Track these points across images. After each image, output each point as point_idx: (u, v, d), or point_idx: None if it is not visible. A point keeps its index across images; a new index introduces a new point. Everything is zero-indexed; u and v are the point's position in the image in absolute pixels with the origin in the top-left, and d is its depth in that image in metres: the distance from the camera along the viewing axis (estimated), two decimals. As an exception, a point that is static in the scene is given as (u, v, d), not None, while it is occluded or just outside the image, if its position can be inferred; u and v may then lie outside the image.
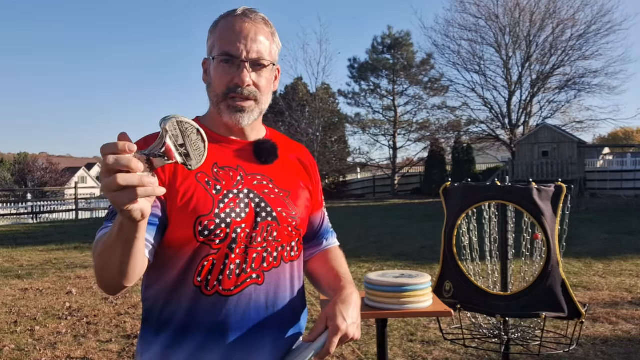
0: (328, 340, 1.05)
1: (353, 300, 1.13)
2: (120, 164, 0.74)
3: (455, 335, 2.85)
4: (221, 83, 1.12)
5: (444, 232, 2.58)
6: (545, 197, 2.36)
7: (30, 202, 20.81)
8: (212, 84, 1.15)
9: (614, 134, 49.37)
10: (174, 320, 1.09)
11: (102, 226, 1.04)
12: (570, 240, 3.34)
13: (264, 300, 1.12)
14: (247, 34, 1.11)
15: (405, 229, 11.72)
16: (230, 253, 1.08)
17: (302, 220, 1.21)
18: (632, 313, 4.74)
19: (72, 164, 66.85)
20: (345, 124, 30.68)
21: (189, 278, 1.08)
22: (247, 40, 1.11)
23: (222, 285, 1.08)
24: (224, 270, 1.08)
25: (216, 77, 1.13)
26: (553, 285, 2.28)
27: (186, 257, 1.08)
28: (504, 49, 27.00)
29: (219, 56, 1.12)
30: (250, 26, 1.12)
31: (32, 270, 7.45)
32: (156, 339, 1.11)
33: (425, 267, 6.85)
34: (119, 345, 4.12)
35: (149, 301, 1.14)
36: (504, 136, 27.67)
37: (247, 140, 1.19)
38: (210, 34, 1.17)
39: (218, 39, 1.13)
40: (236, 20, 1.12)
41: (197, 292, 1.08)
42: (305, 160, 1.29)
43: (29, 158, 42.22)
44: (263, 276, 1.12)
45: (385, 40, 29.71)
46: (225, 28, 1.13)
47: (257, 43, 1.12)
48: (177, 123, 0.83)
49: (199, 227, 1.06)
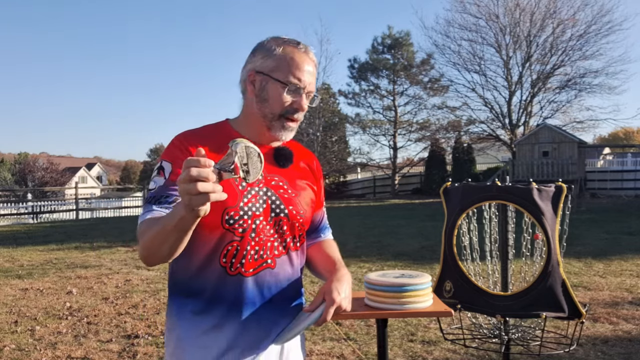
0: (325, 310, 1.29)
1: (346, 279, 1.38)
2: (202, 176, 0.95)
3: (456, 335, 2.85)
4: (282, 105, 1.32)
5: (444, 232, 2.58)
6: (545, 197, 2.36)
7: (31, 202, 20.82)
8: (269, 101, 1.33)
9: (614, 134, 49.39)
10: (202, 292, 1.30)
11: (147, 209, 1.24)
12: (571, 240, 3.33)
13: (274, 281, 1.34)
14: (309, 69, 1.34)
15: (405, 229, 11.72)
16: (251, 241, 1.30)
17: (307, 218, 1.43)
18: (633, 313, 4.74)
19: (73, 163, 66.95)
20: (346, 124, 30.68)
21: (215, 259, 1.29)
22: (309, 75, 1.34)
23: (243, 267, 1.30)
24: (246, 255, 1.30)
25: (277, 99, 1.32)
26: (553, 285, 2.28)
27: (213, 241, 1.28)
28: (504, 49, 26.99)
29: (288, 83, 1.31)
30: (310, 62, 1.35)
31: (33, 270, 7.45)
32: (186, 302, 1.31)
33: (425, 267, 6.85)
34: (119, 345, 4.12)
35: (178, 273, 1.34)
36: (504, 136, 27.67)
37: (270, 146, 1.39)
38: (267, 54, 1.33)
39: (284, 65, 1.31)
40: (301, 55, 1.34)
41: (223, 272, 1.29)
42: (313, 166, 1.50)
43: (29, 158, 42.23)
44: (275, 261, 1.34)
45: (385, 40, 29.71)
46: (292, 59, 1.32)
47: (312, 77, 1.36)
48: (244, 147, 1.08)
49: (226, 217, 1.27)
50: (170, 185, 1.25)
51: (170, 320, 1.35)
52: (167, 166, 1.29)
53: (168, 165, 1.29)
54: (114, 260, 8.22)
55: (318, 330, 4.37)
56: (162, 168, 1.29)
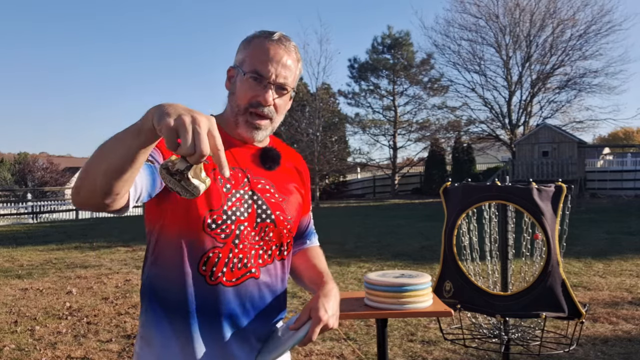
0: (311, 329, 1.16)
1: (333, 295, 1.24)
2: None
3: (455, 335, 2.85)
4: (245, 97, 1.21)
5: (444, 232, 2.58)
6: (545, 197, 2.36)
7: (31, 202, 20.81)
8: (236, 94, 1.23)
9: (614, 134, 49.36)
10: (179, 303, 1.17)
11: None
12: (570, 240, 3.33)
13: (257, 291, 1.23)
14: (279, 59, 1.21)
15: (405, 229, 11.72)
16: (234, 248, 1.19)
17: (294, 224, 1.33)
18: (632, 313, 4.74)
19: (73, 163, 66.79)
20: (346, 124, 30.65)
21: (194, 266, 1.17)
22: (277, 65, 1.21)
23: (225, 276, 1.18)
24: (228, 263, 1.18)
25: (241, 90, 1.22)
26: (553, 285, 2.28)
27: (193, 246, 1.17)
28: (504, 49, 26.98)
29: (250, 73, 1.20)
30: (283, 52, 1.22)
31: (32, 270, 7.45)
32: (161, 312, 1.19)
33: (425, 267, 6.85)
34: (119, 345, 4.11)
35: (153, 280, 1.21)
36: (504, 136, 27.66)
37: (256, 146, 1.29)
38: (243, 47, 1.25)
39: (251, 56, 1.22)
40: (271, 44, 1.22)
41: (202, 281, 1.17)
42: (300, 168, 1.41)
43: (29, 158, 42.17)
44: (259, 271, 1.23)
45: (385, 40, 29.70)
46: (260, 48, 1.22)
47: (286, 69, 1.22)
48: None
49: (208, 220, 1.16)
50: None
51: (145, 329, 1.22)
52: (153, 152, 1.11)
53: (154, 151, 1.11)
54: (113, 260, 8.22)
55: (318, 330, 4.38)
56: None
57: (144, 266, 1.25)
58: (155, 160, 1.10)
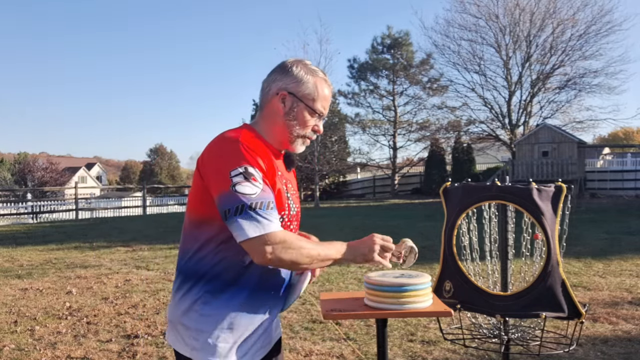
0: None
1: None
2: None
3: (455, 335, 2.85)
4: (308, 127, 1.56)
5: (444, 232, 2.58)
6: (545, 197, 2.36)
7: (30, 201, 20.81)
8: (297, 122, 1.53)
9: (614, 134, 49.39)
10: (248, 284, 1.46)
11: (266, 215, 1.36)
12: (570, 240, 3.33)
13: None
14: (330, 98, 1.60)
15: (405, 229, 11.72)
16: None
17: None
18: (632, 313, 4.74)
19: (72, 163, 66.83)
20: (345, 124, 30.65)
21: None
22: (329, 104, 1.60)
23: None
24: None
25: (304, 122, 1.54)
26: (553, 285, 2.28)
27: None
28: (504, 49, 26.99)
29: (315, 110, 1.55)
30: (331, 90, 1.61)
31: (32, 270, 7.45)
32: (227, 294, 1.45)
33: (425, 267, 6.85)
34: (119, 345, 4.12)
35: (220, 265, 1.45)
36: (504, 136, 27.67)
37: (281, 153, 1.60)
38: (297, 79, 1.53)
39: (315, 95, 1.54)
40: (327, 87, 1.58)
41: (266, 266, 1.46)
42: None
43: (29, 158, 42.18)
44: None
45: (385, 40, 29.70)
46: (322, 90, 1.56)
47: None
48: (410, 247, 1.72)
49: (280, 219, 1.45)
50: (268, 191, 1.40)
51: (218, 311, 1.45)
52: (256, 173, 1.38)
53: (256, 172, 1.39)
54: (113, 260, 8.22)
55: (318, 330, 4.37)
56: (251, 174, 1.37)
57: (196, 250, 1.46)
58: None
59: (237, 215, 1.33)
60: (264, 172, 1.40)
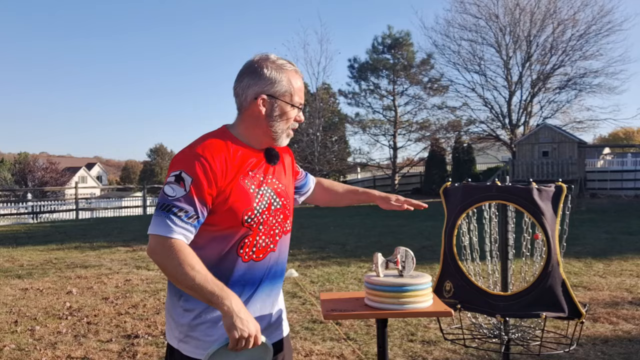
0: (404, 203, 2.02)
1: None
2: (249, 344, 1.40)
3: (456, 335, 2.86)
4: (289, 120, 1.60)
5: (444, 232, 2.58)
6: (545, 197, 2.36)
7: (31, 201, 20.80)
8: (280, 119, 1.57)
9: (614, 134, 49.36)
10: (220, 279, 1.45)
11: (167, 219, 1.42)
12: (571, 240, 3.34)
13: (275, 261, 1.62)
14: (302, 88, 1.64)
15: (405, 229, 11.72)
16: (259, 232, 1.56)
17: (292, 205, 1.72)
18: (632, 313, 4.74)
19: (73, 163, 66.87)
20: (346, 124, 30.65)
21: (233, 250, 1.53)
22: (303, 93, 1.64)
23: (255, 254, 1.56)
24: (256, 244, 1.56)
25: (285, 117, 1.58)
26: (553, 285, 2.29)
27: (233, 237, 1.52)
28: (504, 49, 26.98)
29: (294, 104, 1.59)
30: (302, 79, 1.64)
31: (33, 270, 7.45)
32: None
33: (425, 267, 6.85)
34: (119, 345, 4.12)
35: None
36: (504, 136, 27.66)
37: (260, 150, 1.61)
38: (270, 80, 1.54)
39: (295, 91, 1.58)
40: (298, 77, 1.60)
41: (239, 260, 1.53)
42: (289, 154, 1.77)
43: (29, 158, 42.20)
44: (277, 245, 1.62)
45: (385, 40, 29.69)
46: (296, 84, 1.59)
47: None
48: (405, 250, 1.81)
49: (245, 217, 1.51)
50: (189, 200, 1.44)
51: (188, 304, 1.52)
52: (187, 179, 1.45)
53: (188, 179, 1.45)
54: (113, 260, 8.22)
55: (318, 330, 4.37)
56: (182, 179, 1.45)
57: None
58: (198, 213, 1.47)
59: (156, 210, 1.47)
60: (209, 178, 1.45)
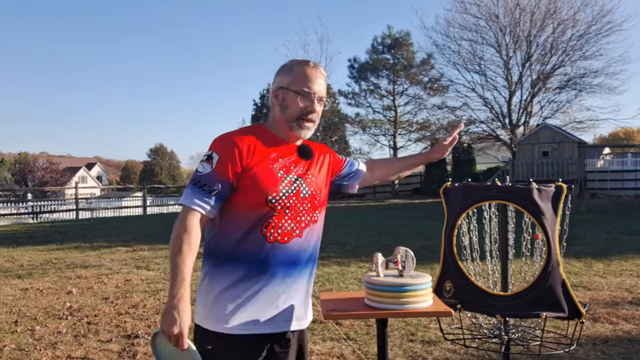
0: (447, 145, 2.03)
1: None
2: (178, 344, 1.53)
3: (456, 335, 2.86)
4: (298, 109, 1.68)
5: (444, 232, 2.58)
6: (545, 197, 2.36)
7: (31, 201, 20.81)
8: (288, 108, 1.68)
9: (614, 134, 49.37)
10: (244, 258, 1.61)
11: (193, 192, 1.59)
12: (571, 240, 3.34)
13: (300, 246, 1.67)
14: (318, 80, 1.70)
15: (405, 229, 11.72)
16: (285, 216, 1.63)
17: (324, 197, 1.79)
18: (633, 313, 4.74)
19: (73, 163, 66.87)
20: (346, 124, 30.66)
21: (257, 229, 1.61)
22: (317, 85, 1.70)
23: (280, 236, 1.63)
24: (282, 226, 1.63)
25: (294, 104, 1.68)
26: (553, 285, 2.29)
27: (257, 216, 1.60)
28: (504, 49, 27.00)
29: (299, 91, 1.67)
30: (320, 75, 1.71)
31: (33, 270, 7.45)
32: (226, 268, 1.62)
33: (425, 267, 6.84)
34: (119, 345, 4.12)
35: (222, 243, 1.63)
36: (504, 136, 27.67)
37: (296, 144, 1.74)
38: (285, 73, 1.71)
39: (297, 80, 1.68)
40: (311, 70, 1.70)
41: (263, 240, 1.61)
42: (327, 152, 1.89)
43: (29, 158, 42.17)
44: (302, 232, 1.68)
45: (385, 40, 29.70)
46: (304, 73, 1.69)
47: (321, 87, 1.72)
48: (405, 250, 1.86)
49: (269, 197, 1.60)
50: (214, 176, 1.58)
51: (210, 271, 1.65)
52: (215, 157, 1.60)
53: (216, 157, 1.60)
54: (114, 260, 8.22)
55: (318, 330, 4.37)
56: (211, 157, 1.61)
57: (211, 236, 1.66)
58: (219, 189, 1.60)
59: (188, 184, 1.62)
60: (234, 158, 1.59)
